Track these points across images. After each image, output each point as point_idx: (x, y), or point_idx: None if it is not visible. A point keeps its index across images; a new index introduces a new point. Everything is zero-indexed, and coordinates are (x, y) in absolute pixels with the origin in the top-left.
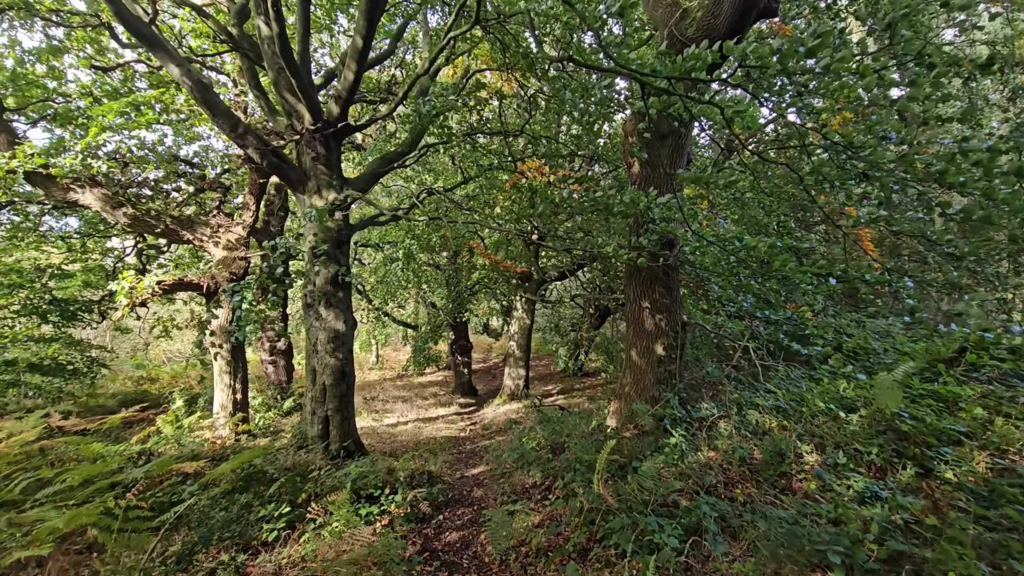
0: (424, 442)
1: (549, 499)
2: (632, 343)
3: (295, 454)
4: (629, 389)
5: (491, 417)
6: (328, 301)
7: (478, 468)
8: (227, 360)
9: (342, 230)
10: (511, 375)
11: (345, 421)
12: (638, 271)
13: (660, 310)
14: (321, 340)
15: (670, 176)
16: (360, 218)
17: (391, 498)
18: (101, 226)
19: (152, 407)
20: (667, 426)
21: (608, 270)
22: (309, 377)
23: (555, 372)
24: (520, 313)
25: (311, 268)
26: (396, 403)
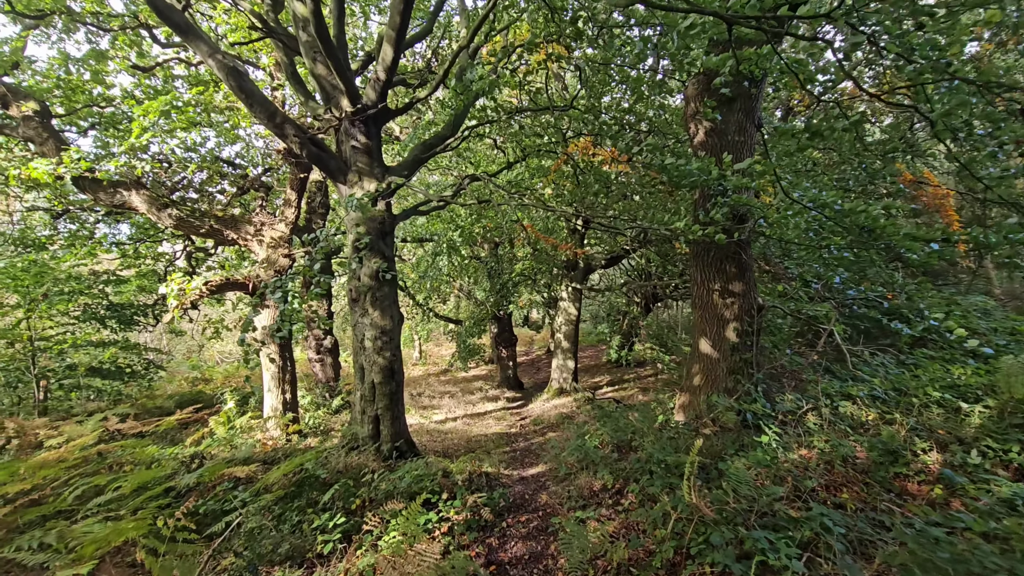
0: (475, 440)
1: (622, 504)
2: (700, 330)
3: (346, 456)
4: (699, 381)
5: (540, 412)
6: (374, 296)
7: (536, 468)
8: (275, 360)
9: (385, 221)
10: (558, 368)
11: (396, 420)
12: (706, 250)
13: (732, 292)
14: (368, 337)
15: (740, 144)
16: (402, 210)
17: (450, 504)
18: (151, 231)
19: (206, 408)
20: (751, 421)
21: (666, 253)
22: (357, 375)
23: (602, 363)
24: (566, 303)
25: (355, 262)
26: (443, 399)
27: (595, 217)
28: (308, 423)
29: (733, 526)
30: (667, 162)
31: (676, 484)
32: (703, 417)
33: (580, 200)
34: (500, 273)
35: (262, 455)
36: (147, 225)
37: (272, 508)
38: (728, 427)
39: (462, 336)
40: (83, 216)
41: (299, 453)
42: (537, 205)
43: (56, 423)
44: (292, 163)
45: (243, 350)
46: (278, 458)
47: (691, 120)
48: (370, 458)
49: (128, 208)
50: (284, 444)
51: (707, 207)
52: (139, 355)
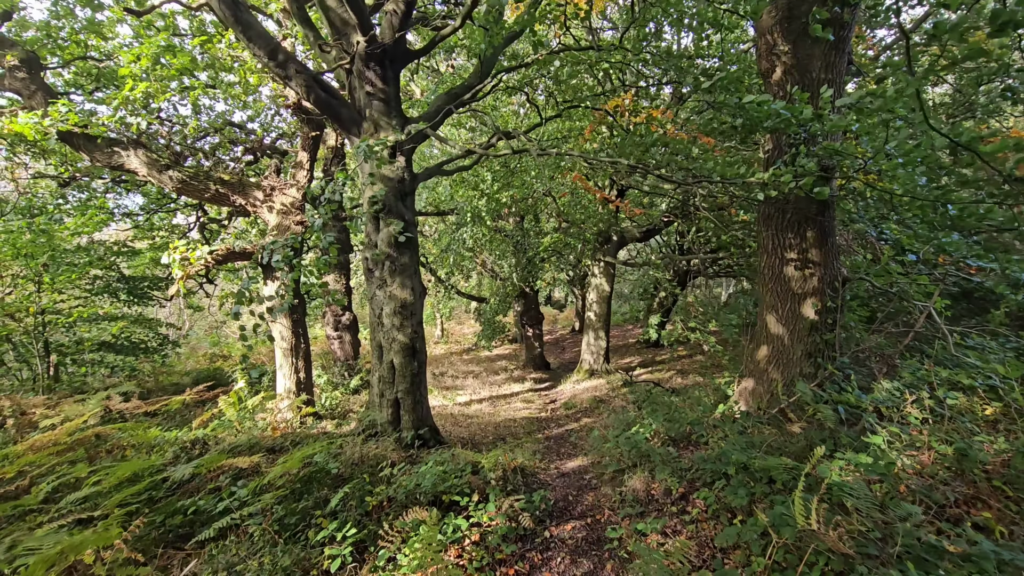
0: (503, 426)
1: (689, 513)
2: (770, 306)
3: (363, 445)
4: (766, 365)
5: (571, 394)
6: (392, 265)
7: (576, 461)
8: (285, 336)
9: (405, 180)
10: (589, 347)
11: (418, 405)
12: (780, 212)
13: (811, 261)
14: (386, 312)
15: (828, 84)
16: (424, 168)
17: (481, 507)
18: (164, 201)
19: (221, 385)
20: (843, 415)
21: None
22: (375, 354)
23: (631, 343)
24: (598, 279)
25: (370, 226)
26: (467, 379)
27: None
28: (324, 404)
29: (869, 561)
30: (745, 99)
31: (762, 494)
32: (774, 406)
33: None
34: (526, 247)
35: (270, 441)
36: (159, 194)
37: (274, 509)
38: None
39: (487, 314)
40: (93, 184)
41: (311, 440)
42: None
43: (56, 401)
44: (303, 119)
45: (240, 325)
46: (287, 445)
47: (766, 56)
48: (389, 447)
49: (127, 170)
50: (297, 427)
51: (787, 159)
52: (153, 330)
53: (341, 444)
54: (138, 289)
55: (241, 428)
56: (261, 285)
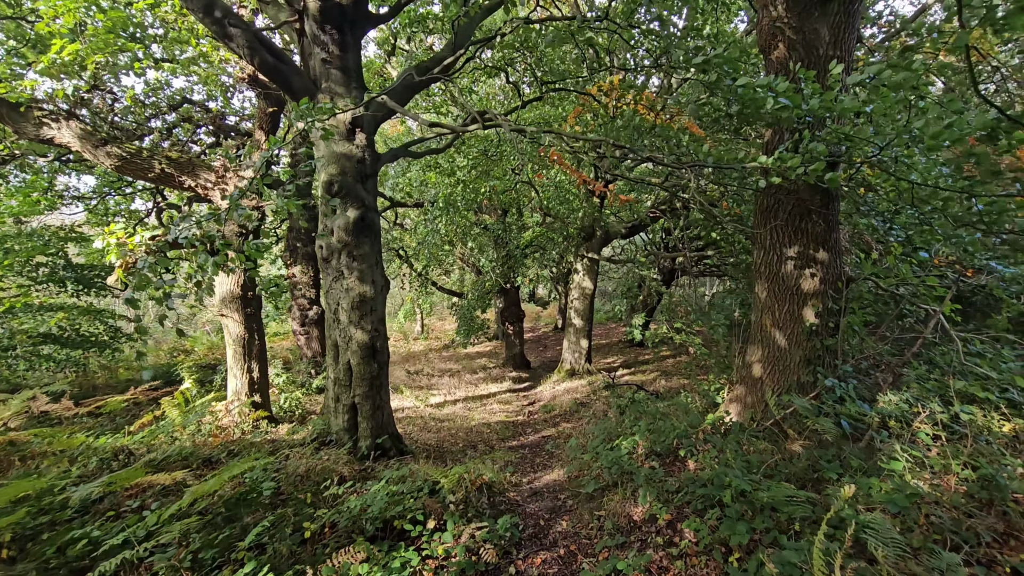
0: (476, 431)
1: (677, 545)
2: (766, 307)
3: (312, 456)
4: (760, 371)
5: (550, 396)
6: (350, 254)
7: (551, 474)
8: (237, 331)
9: (365, 160)
10: (571, 347)
11: (377, 411)
12: (780, 205)
13: (813, 259)
14: (344, 306)
15: (836, 61)
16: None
17: (437, 536)
18: (117, 183)
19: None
20: (847, 431)
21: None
22: (330, 354)
23: (613, 343)
24: (581, 276)
25: (326, 211)
26: (442, 378)
27: (636, 151)
28: (283, 405)
29: None
30: (739, 82)
31: (764, 529)
32: (769, 418)
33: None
34: (508, 242)
35: (209, 450)
36: (114, 176)
37: (191, 539)
38: (823, 440)
39: (464, 309)
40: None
41: (255, 449)
42: (559, 134)
43: None
44: (260, 94)
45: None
46: (223, 457)
47: (767, 31)
48: (342, 460)
49: (58, 145)
50: (247, 433)
51: (789, 145)
52: (104, 322)
53: (287, 455)
54: (87, 278)
55: (182, 434)
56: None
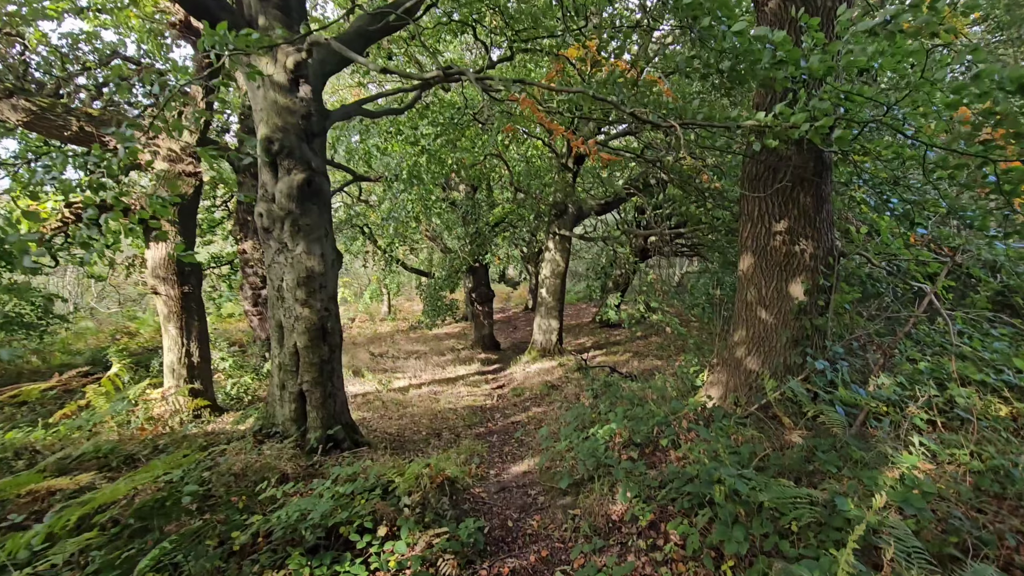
0: (442, 416)
1: (661, 549)
2: (753, 283)
3: (253, 450)
4: (743, 352)
5: (521, 378)
6: (295, 225)
7: (522, 465)
8: (173, 309)
9: (311, 115)
10: (542, 327)
11: (329, 399)
12: (771, 173)
13: (803, 233)
14: (288, 283)
15: (834, 11)
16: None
17: (389, 546)
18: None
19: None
20: (843, 418)
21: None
22: (275, 336)
23: (584, 323)
24: (552, 253)
25: (265, 173)
26: (408, 360)
27: (619, 106)
28: (230, 392)
29: None
30: (735, 27)
31: (763, 534)
32: (754, 402)
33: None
34: (477, 218)
35: (134, 446)
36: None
37: (91, 557)
38: (819, 427)
39: (430, 289)
40: None
41: (188, 443)
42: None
43: None
44: (194, 43)
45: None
46: (150, 454)
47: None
48: (286, 455)
49: None
50: (186, 423)
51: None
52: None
53: (224, 450)
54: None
55: (109, 426)
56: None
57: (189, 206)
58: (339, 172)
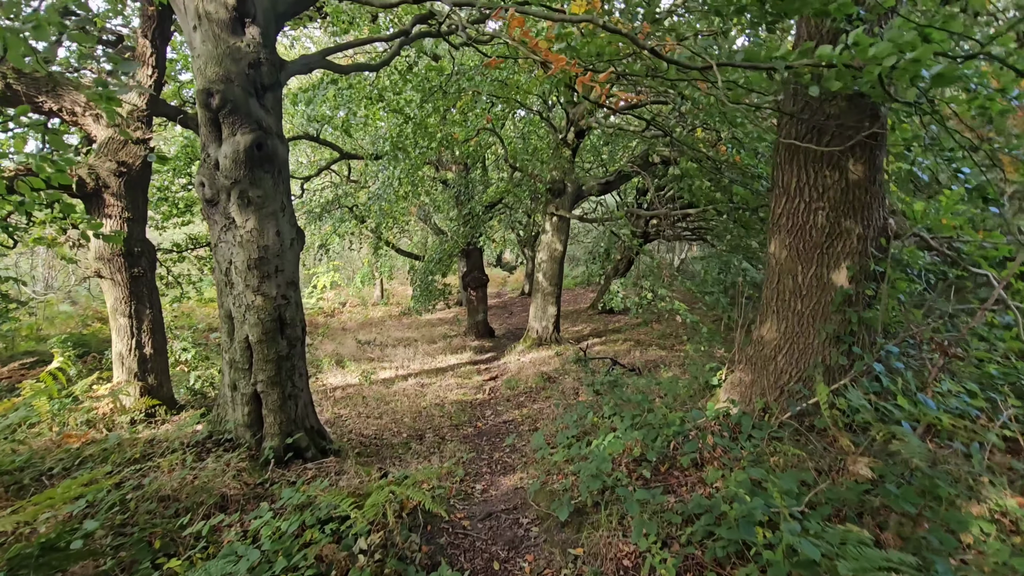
0: (426, 413)
1: None
2: (786, 269)
3: (195, 463)
4: (773, 349)
5: (516, 369)
6: (243, 195)
7: (513, 478)
8: (122, 294)
9: (260, 64)
10: (538, 314)
11: (289, 400)
12: (814, 136)
13: (849, 209)
14: (237, 266)
15: None
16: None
17: None
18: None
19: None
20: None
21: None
22: (224, 328)
23: (582, 309)
24: (550, 236)
25: (208, 135)
26: (397, 348)
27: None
28: (192, 386)
29: None
30: None
31: None
32: (789, 408)
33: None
34: (471, 197)
35: (56, 458)
36: None
37: None
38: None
39: (421, 274)
40: None
41: (119, 452)
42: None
43: None
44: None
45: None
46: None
47: None
48: (232, 469)
49: None
50: (137, 423)
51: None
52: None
53: (158, 464)
54: None
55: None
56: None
57: (138, 178)
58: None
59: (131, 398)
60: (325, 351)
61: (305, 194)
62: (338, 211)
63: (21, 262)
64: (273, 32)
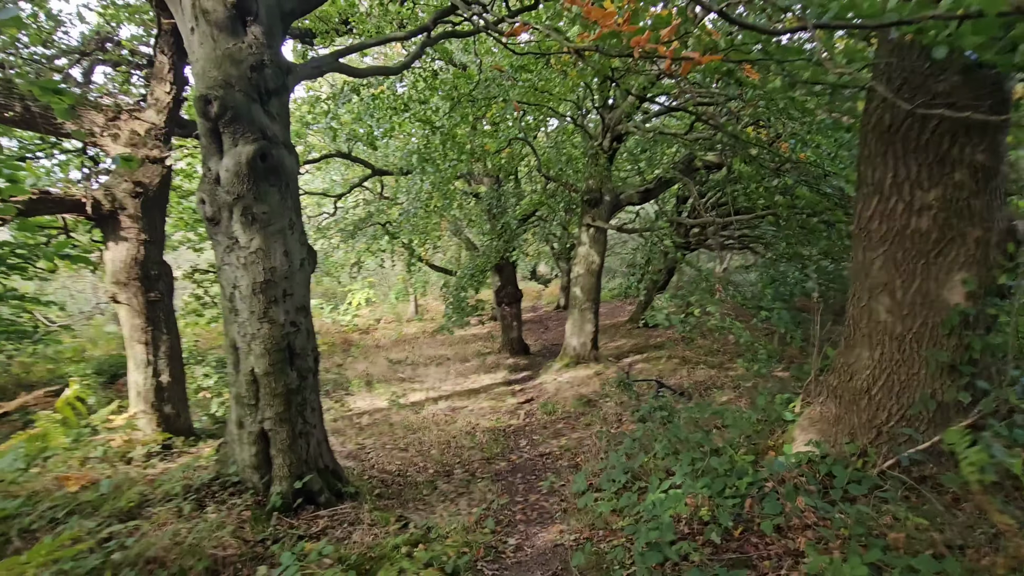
0: (456, 443)
1: None
2: (880, 283)
3: (194, 513)
4: (865, 379)
5: (552, 390)
6: (247, 212)
7: (552, 531)
8: (138, 318)
9: (263, 66)
10: (575, 330)
11: (300, 439)
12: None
13: (963, 208)
14: (242, 290)
15: None
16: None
17: None
18: None
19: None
20: None
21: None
22: (229, 359)
23: (619, 323)
24: (586, 248)
25: (208, 146)
26: (428, 367)
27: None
28: (214, 413)
29: None
30: None
31: None
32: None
33: None
34: (503, 211)
35: (48, 503)
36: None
37: None
38: None
39: (453, 290)
40: None
41: (115, 498)
42: None
43: None
44: (153, 2)
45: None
46: (60, 518)
47: None
48: (233, 521)
49: None
50: (151, 459)
51: None
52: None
53: (156, 514)
54: None
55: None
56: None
57: (155, 199)
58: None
59: (146, 430)
60: (356, 371)
61: (338, 212)
62: (371, 228)
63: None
64: (279, 32)
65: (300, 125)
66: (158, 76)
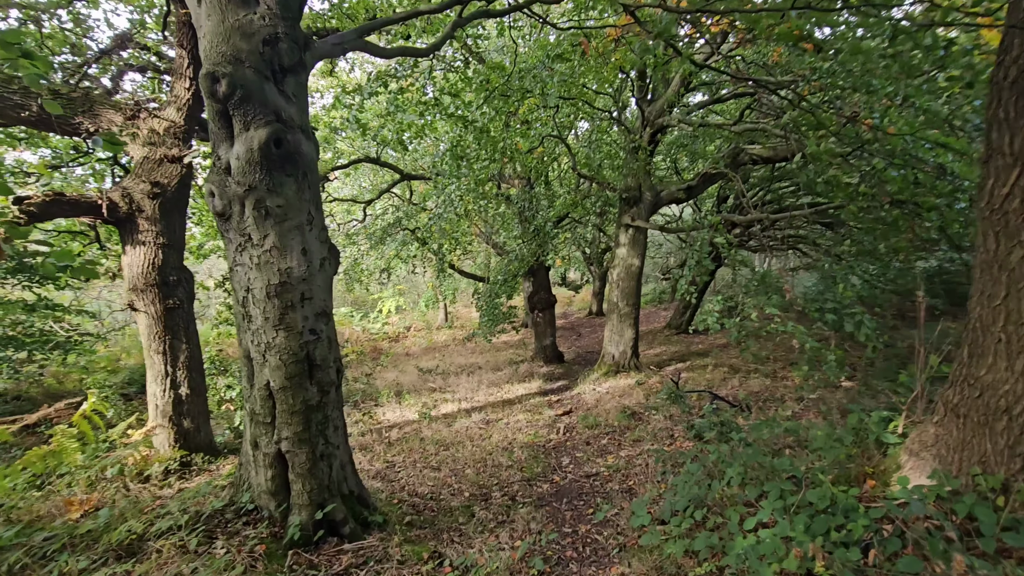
0: (492, 460)
1: None
2: (1013, 276)
3: (197, 547)
4: (1002, 396)
5: (592, 401)
6: (259, 206)
7: (609, 574)
8: (156, 329)
9: (278, 39)
10: (613, 337)
11: (321, 462)
12: None
13: None
14: (255, 294)
15: None
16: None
17: None
18: None
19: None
20: None
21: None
22: (244, 371)
23: (657, 329)
24: (625, 250)
25: (218, 131)
26: (460, 376)
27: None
28: (238, 426)
29: None
30: None
31: None
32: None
33: None
34: (535, 213)
35: (46, 532)
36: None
37: None
38: None
39: (485, 297)
40: None
41: (117, 527)
42: None
43: None
44: None
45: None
46: (50, 554)
47: None
48: (240, 560)
49: None
50: (168, 476)
51: None
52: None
53: (163, 554)
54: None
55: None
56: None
57: (174, 200)
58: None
59: (163, 445)
60: (385, 381)
61: (367, 218)
62: (400, 234)
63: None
64: (296, 3)
65: (329, 131)
66: (177, 71)
